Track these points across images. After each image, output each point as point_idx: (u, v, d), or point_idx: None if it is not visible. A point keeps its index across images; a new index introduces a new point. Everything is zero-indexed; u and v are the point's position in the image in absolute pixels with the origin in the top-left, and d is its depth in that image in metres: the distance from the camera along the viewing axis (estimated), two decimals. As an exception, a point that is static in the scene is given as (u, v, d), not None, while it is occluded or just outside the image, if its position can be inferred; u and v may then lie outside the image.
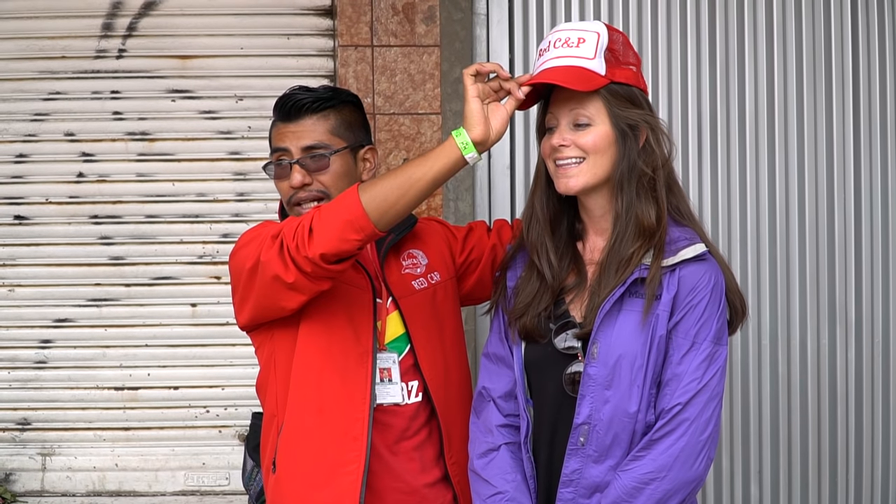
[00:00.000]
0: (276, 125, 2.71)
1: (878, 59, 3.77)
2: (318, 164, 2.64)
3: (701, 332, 2.33)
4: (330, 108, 2.68)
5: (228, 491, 3.82)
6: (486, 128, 2.37)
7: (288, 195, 2.66)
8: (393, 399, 2.61)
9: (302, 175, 2.63)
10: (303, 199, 2.63)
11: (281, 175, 2.67)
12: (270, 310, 2.55)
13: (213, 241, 3.80)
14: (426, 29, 3.64)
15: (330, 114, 2.68)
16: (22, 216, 3.79)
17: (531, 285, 2.47)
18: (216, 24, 3.75)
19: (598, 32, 2.38)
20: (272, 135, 2.72)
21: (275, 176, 2.69)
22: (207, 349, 3.81)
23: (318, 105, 2.67)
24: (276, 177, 2.69)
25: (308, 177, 2.63)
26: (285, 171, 2.65)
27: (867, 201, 3.76)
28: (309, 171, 2.63)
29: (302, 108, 2.65)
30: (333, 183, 2.64)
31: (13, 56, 3.74)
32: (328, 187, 2.64)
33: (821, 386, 3.77)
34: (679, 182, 2.46)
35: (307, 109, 2.65)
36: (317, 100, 2.67)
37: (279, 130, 2.69)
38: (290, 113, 2.66)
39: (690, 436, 2.30)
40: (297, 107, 2.65)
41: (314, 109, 2.66)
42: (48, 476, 3.82)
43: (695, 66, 3.74)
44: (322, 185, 2.64)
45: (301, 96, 2.67)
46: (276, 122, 2.71)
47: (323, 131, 2.66)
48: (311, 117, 2.66)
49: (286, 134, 2.66)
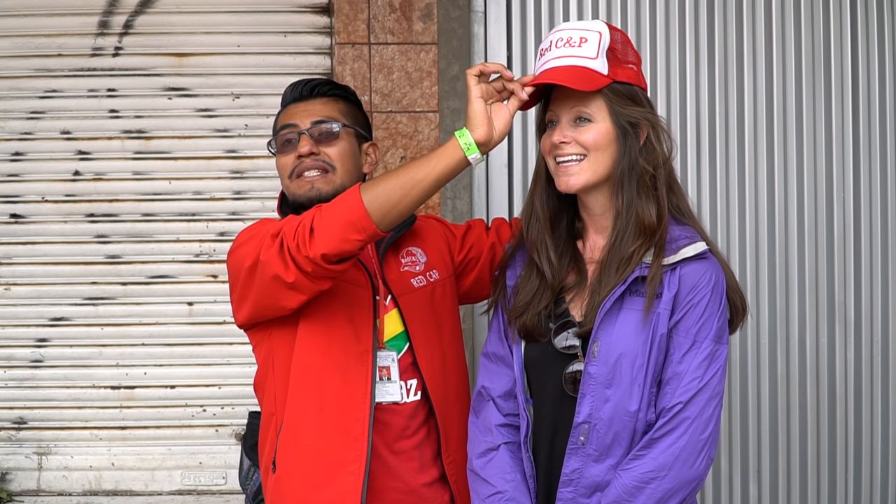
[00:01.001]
0: (284, 109, 2.73)
1: (877, 59, 3.77)
2: (328, 135, 2.65)
3: (702, 330, 2.32)
4: (339, 96, 2.74)
5: (225, 490, 3.81)
6: (490, 128, 2.36)
7: (292, 166, 2.65)
8: (392, 398, 2.60)
9: (310, 144, 2.63)
10: (308, 166, 2.63)
11: (286, 149, 2.67)
12: (270, 308, 2.54)
13: (209, 239, 3.79)
14: (423, 26, 3.63)
15: (339, 100, 2.74)
16: (18, 214, 3.78)
17: (531, 284, 2.46)
18: (213, 21, 3.74)
19: (600, 32, 2.37)
20: (279, 118, 2.74)
21: (279, 150, 2.69)
22: (204, 348, 3.80)
23: (330, 89, 2.73)
24: (280, 151, 2.69)
25: (316, 147, 2.64)
26: (293, 144, 2.66)
27: (866, 201, 3.76)
28: (317, 141, 2.64)
29: (314, 89, 2.70)
30: (339, 158, 2.65)
31: (9, 54, 3.72)
32: (334, 161, 2.64)
33: (820, 385, 3.77)
34: (679, 181, 2.45)
35: (319, 92, 2.71)
36: (331, 85, 2.74)
37: (288, 111, 2.72)
38: (304, 93, 2.70)
39: (691, 435, 2.30)
40: (311, 88, 2.70)
41: (325, 93, 2.72)
42: (44, 475, 3.81)
43: (694, 65, 3.73)
44: (328, 158, 2.64)
45: (315, 80, 2.73)
46: (286, 107, 2.73)
47: (333, 109, 2.70)
48: (322, 98, 2.71)
49: (296, 111, 2.69)
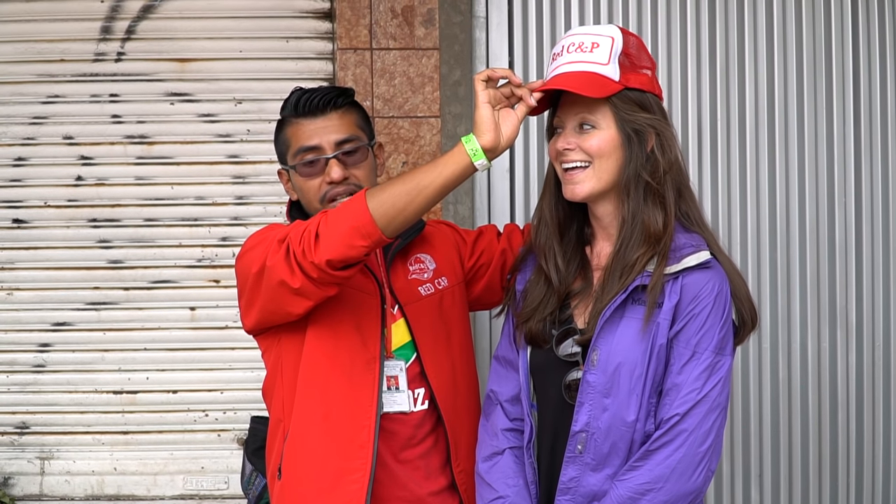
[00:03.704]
0: (294, 123, 2.66)
1: (878, 59, 3.77)
2: (356, 157, 2.62)
3: (702, 341, 2.31)
4: (349, 104, 2.68)
5: (227, 495, 3.81)
6: (497, 134, 2.34)
7: (322, 192, 2.61)
8: (400, 407, 2.59)
9: (341, 169, 2.59)
10: (340, 193, 2.59)
11: (313, 173, 2.62)
12: (276, 314, 2.53)
13: (211, 244, 3.79)
14: (425, 32, 3.63)
15: (350, 109, 2.68)
16: (20, 220, 3.78)
17: (538, 289, 2.46)
18: (215, 27, 3.74)
19: (613, 37, 2.35)
20: (290, 134, 2.67)
21: (304, 175, 2.64)
22: (206, 353, 3.80)
23: (342, 100, 2.66)
24: (305, 175, 2.64)
25: (346, 171, 2.60)
26: (318, 167, 2.61)
27: (867, 203, 3.76)
28: (346, 165, 2.61)
29: (328, 103, 2.63)
30: (366, 177, 2.63)
31: (12, 59, 3.72)
32: (363, 182, 2.61)
33: (821, 389, 3.77)
34: (690, 187, 2.43)
35: (333, 105, 2.63)
36: (340, 94, 2.66)
37: (303, 128, 2.64)
38: (317, 109, 2.62)
39: (688, 447, 2.28)
40: (324, 102, 2.62)
41: (338, 105, 2.65)
42: (47, 480, 3.81)
43: (695, 66, 3.74)
44: (357, 180, 2.61)
45: (324, 91, 2.64)
46: (295, 121, 2.66)
47: (351, 124, 2.65)
48: (337, 112, 2.64)
49: (315, 131, 2.62)
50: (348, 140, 2.62)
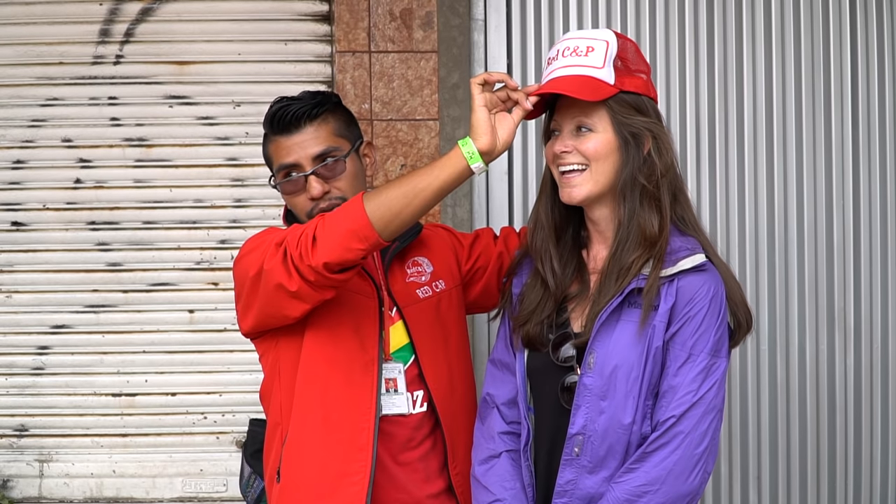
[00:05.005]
0: (273, 140, 2.65)
1: (877, 61, 3.77)
2: (334, 170, 2.60)
3: (698, 343, 2.31)
4: (326, 112, 2.64)
5: (226, 497, 3.81)
6: (493, 138, 2.34)
7: (308, 208, 2.61)
8: (399, 409, 2.59)
9: (321, 184, 2.58)
10: (324, 207, 2.58)
11: (295, 190, 2.62)
12: (274, 318, 2.54)
13: (210, 247, 3.79)
14: (424, 35, 3.64)
15: (328, 117, 2.64)
16: (19, 222, 3.78)
17: (535, 293, 2.46)
18: (214, 29, 3.74)
19: (608, 41, 2.36)
20: (272, 151, 2.66)
21: (287, 192, 2.64)
22: (205, 355, 3.81)
23: (316, 111, 2.62)
24: (288, 193, 2.64)
25: (326, 185, 2.59)
26: (299, 184, 2.61)
27: (866, 206, 3.77)
28: (325, 179, 2.60)
29: (301, 117, 2.60)
30: (350, 186, 2.61)
31: (10, 62, 3.73)
32: (346, 193, 2.60)
33: (820, 391, 3.77)
34: (686, 191, 2.43)
35: (307, 117, 2.60)
36: (314, 106, 2.61)
37: (280, 146, 2.63)
38: (290, 125, 2.60)
39: (684, 449, 2.28)
40: (297, 117, 2.59)
41: (313, 116, 2.61)
42: (45, 482, 3.81)
43: (693, 68, 3.74)
44: (340, 192, 2.60)
45: (296, 106, 2.60)
46: (274, 138, 2.64)
47: (327, 136, 2.62)
48: (312, 125, 2.61)
49: (291, 147, 2.61)
50: (326, 153, 2.60)
